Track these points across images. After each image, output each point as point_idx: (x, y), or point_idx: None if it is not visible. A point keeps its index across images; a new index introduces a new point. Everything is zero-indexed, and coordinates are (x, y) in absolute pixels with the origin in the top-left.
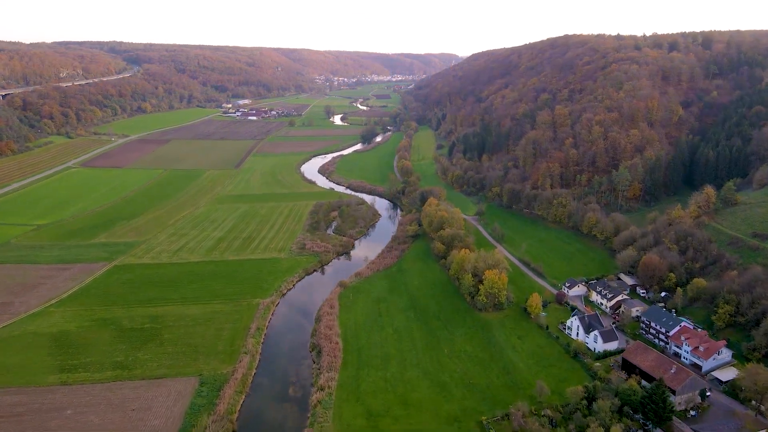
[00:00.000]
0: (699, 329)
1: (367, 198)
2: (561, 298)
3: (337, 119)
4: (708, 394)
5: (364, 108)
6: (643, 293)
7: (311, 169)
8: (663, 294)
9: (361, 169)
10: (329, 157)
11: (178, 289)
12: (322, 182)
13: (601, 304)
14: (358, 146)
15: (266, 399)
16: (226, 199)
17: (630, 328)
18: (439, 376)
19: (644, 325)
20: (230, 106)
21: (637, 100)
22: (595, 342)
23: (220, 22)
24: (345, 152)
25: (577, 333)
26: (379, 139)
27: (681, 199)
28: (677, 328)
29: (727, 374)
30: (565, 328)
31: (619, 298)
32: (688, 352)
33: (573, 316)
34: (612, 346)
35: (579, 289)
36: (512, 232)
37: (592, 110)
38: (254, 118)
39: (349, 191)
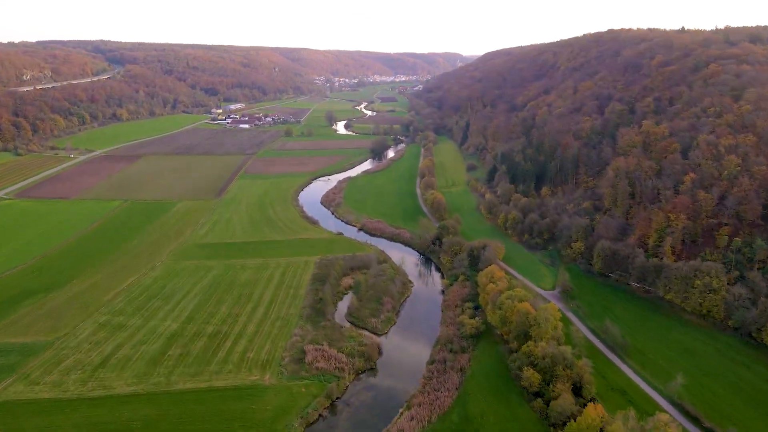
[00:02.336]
0: None
1: (389, 248)
2: None
3: (340, 126)
4: None
5: (370, 113)
6: None
7: (312, 197)
8: None
9: (375, 199)
10: (334, 179)
11: None
12: (327, 219)
13: None
14: (368, 164)
15: None
16: (196, 252)
17: None
18: None
19: None
20: (220, 111)
21: None
22: None
23: (216, 20)
24: (353, 172)
25: None
26: (392, 153)
27: None
28: None
29: None
30: None
31: None
32: None
33: None
34: None
35: None
36: (629, 330)
37: (707, 129)
38: (246, 126)
39: (362, 235)
